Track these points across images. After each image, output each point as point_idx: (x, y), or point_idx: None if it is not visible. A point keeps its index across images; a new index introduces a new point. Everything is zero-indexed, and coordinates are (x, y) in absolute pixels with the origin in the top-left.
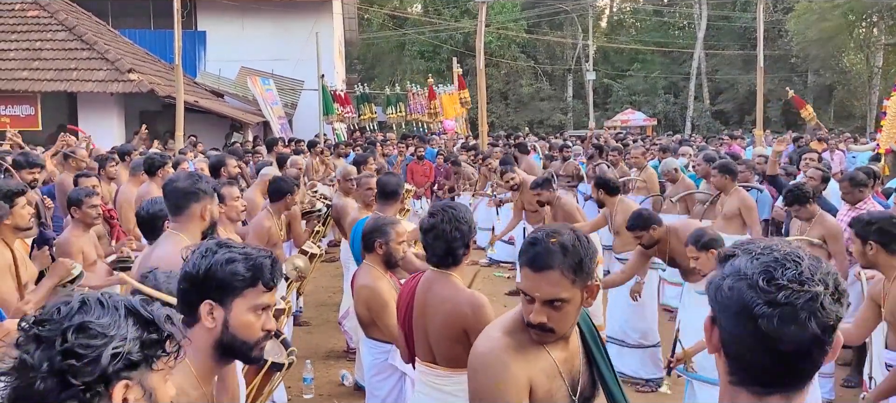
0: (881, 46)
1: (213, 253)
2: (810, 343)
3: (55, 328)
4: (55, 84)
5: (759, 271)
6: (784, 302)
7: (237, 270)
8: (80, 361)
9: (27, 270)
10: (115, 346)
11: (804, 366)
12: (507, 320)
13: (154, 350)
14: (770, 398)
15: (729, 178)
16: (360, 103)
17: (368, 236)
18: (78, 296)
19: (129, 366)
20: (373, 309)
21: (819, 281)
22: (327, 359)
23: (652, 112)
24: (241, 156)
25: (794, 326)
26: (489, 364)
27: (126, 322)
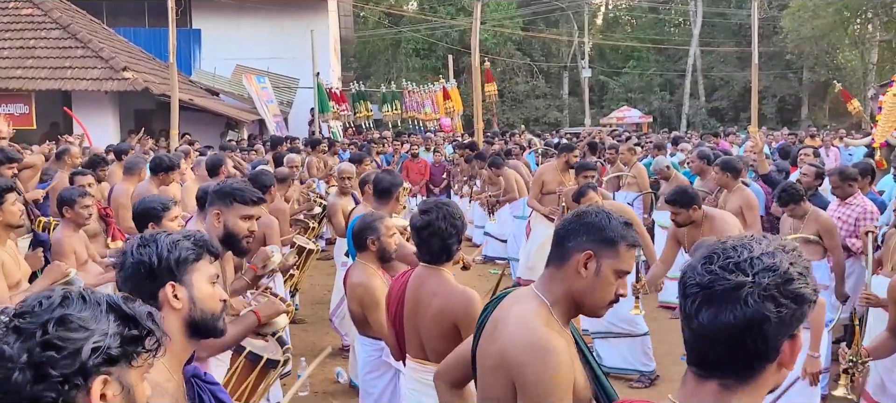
0: (876, 43)
1: (153, 242)
2: (723, 332)
3: (35, 320)
4: (49, 82)
5: (702, 256)
6: (706, 285)
7: (185, 246)
8: (59, 353)
9: (20, 268)
10: (95, 340)
11: (728, 355)
12: (533, 314)
13: (134, 347)
14: (707, 383)
15: (731, 176)
16: (356, 101)
17: (360, 235)
18: (59, 291)
19: (109, 361)
20: (365, 306)
21: (754, 274)
22: None
23: (648, 109)
24: (233, 151)
25: (710, 310)
26: (548, 353)
27: (107, 317)
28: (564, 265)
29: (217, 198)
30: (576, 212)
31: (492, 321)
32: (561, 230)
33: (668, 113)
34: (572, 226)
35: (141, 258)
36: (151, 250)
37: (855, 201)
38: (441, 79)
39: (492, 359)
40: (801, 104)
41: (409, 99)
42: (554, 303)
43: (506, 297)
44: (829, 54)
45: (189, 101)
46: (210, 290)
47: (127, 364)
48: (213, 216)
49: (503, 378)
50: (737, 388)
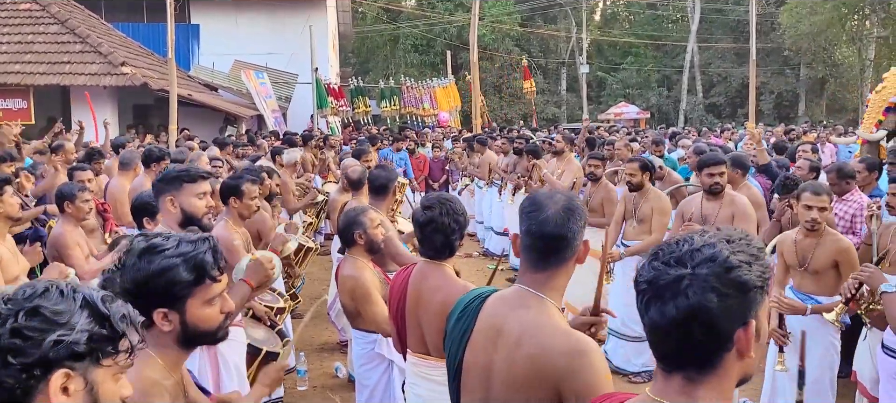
0: (873, 39)
1: (148, 262)
2: (671, 325)
3: (13, 307)
4: (48, 77)
5: (651, 254)
6: (651, 280)
7: (179, 276)
8: (24, 342)
9: (18, 264)
10: (59, 333)
11: (683, 347)
12: (557, 318)
13: (102, 346)
14: (673, 376)
15: (740, 173)
16: (354, 96)
17: (346, 230)
18: (43, 282)
19: (73, 356)
20: (357, 298)
21: (693, 266)
22: (321, 352)
23: (645, 105)
24: (222, 146)
25: (657, 305)
26: (595, 355)
27: (80, 313)
28: (569, 262)
29: (165, 185)
30: (568, 209)
31: (492, 327)
32: (563, 225)
33: (666, 109)
34: (576, 225)
35: (137, 272)
36: (142, 274)
37: (852, 197)
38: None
39: (521, 372)
40: (798, 100)
41: (408, 95)
42: (557, 302)
43: (489, 300)
44: (827, 51)
45: (188, 97)
46: (206, 313)
47: (94, 362)
48: (166, 203)
49: (542, 390)
50: (700, 380)
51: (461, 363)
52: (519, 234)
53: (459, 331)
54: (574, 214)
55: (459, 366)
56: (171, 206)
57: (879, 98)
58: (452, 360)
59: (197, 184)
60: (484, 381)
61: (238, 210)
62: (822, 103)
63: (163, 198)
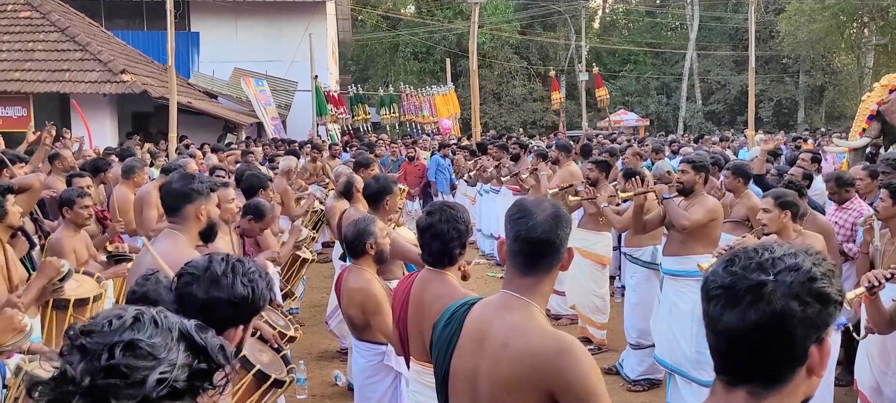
0: (872, 47)
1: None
2: (749, 333)
3: (102, 341)
4: (48, 85)
5: (724, 259)
6: (729, 286)
7: (266, 295)
8: (123, 381)
9: (17, 271)
10: (162, 371)
11: (756, 360)
12: (543, 320)
13: (201, 382)
14: (736, 391)
15: (742, 181)
16: (354, 104)
17: (357, 240)
18: (132, 310)
19: (173, 395)
20: (368, 310)
21: (776, 273)
22: (320, 360)
23: (644, 112)
24: (223, 152)
25: (734, 310)
26: (583, 352)
27: (177, 346)
28: (554, 269)
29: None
30: (556, 216)
31: (477, 332)
32: (551, 232)
33: (665, 116)
34: (563, 232)
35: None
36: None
37: (851, 206)
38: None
39: (507, 373)
40: (797, 108)
41: (407, 102)
42: (542, 307)
43: (475, 306)
44: (825, 58)
45: (187, 104)
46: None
47: (191, 400)
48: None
49: (531, 391)
50: (765, 396)
51: (448, 370)
52: (506, 240)
53: (446, 339)
54: (561, 221)
55: (447, 374)
56: (200, 215)
57: (864, 107)
58: (440, 368)
59: (216, 193)
60: (471, 386)
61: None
62: (822, 111)
63: (191, 206)
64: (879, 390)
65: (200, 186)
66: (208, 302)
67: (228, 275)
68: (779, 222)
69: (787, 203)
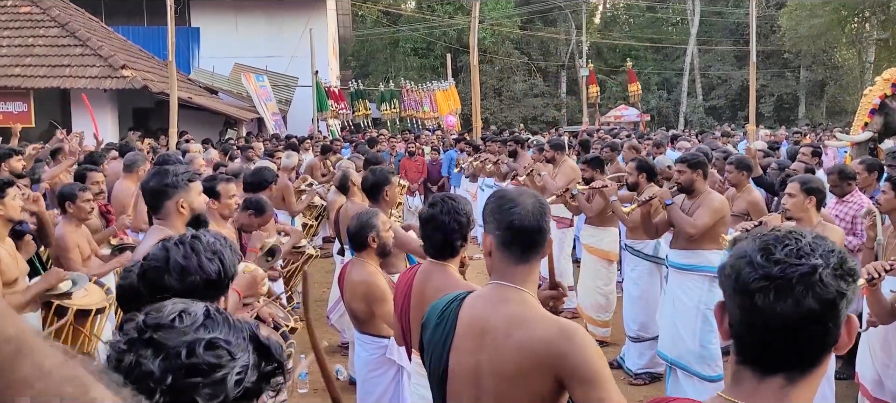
0: (873, 42)
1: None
2: (807, 319)
3: (178, 337)
4: (48, 80)
5: (757, 248)
6: (779, 275)
7: (234, 260)
8: (205, 379)
9: (18, 266)
10: (238, 371)
11: (804, 346)
12: (539, 307)
13: (266, 383)
14: (772, 378)
15: (745, 175)
16: (355, 99)
17: (360, 233)
18: (200, 306)
19: (246, 395)
20: (373, 300)
21: (820, 256)
22: None
23: (645, 108)
24: (229, 153)
25: (789, 300)
26: (585, 335)
27: (247, 345)
28: (541, 256)
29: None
30: (541, 204)
31: (476, 327)
32: (541, 219)
33: (666, 112)
34: (548, 220)
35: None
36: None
37: (852, 199)
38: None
39: (513, 363)
40: (798, 103)
41: (408, 97)
42: (534, 294)
43: (467, 301)
44: (827, 53)
45: (188, 100)
46: None
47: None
48: (176, 205)
49: (537, 377)
50: (800, 380)
51: (446, 369)
52: (495, 231)
53: (441, 337)
54: (546, 209)
55: (444, 373)
56: (181, 208)
57: (866, 101)
58: (436, 367)
59: (197, 182)
60: (473, 383)
61: (218, 210)
62: (823, 106)
63: (170, 202)
64: (881, 383)
65: (175, 179)
66: (186, 291)
67: (192, 258)
68: (803, 207)
69: (813, 189)
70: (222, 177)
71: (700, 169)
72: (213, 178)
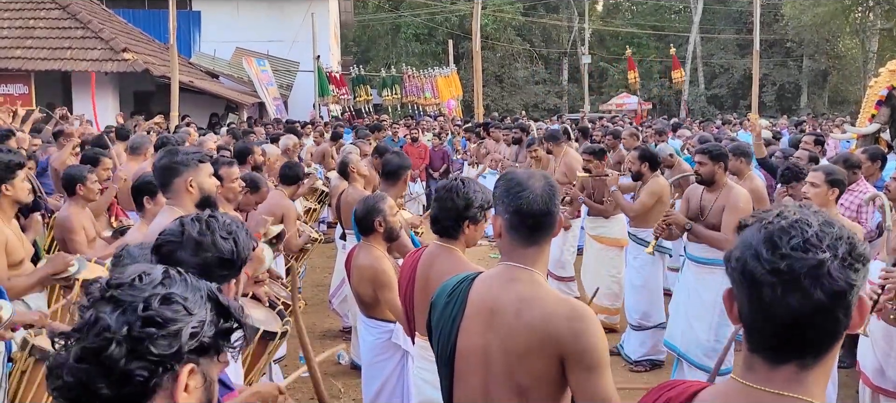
0: (876, 31)
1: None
2: (815, 312)
3: (136, 293)
4: (49, 63)
5: (763, 240)
6: (786, 270)
7: (248, 244)
8: (159, 331)
9: (24, 247)
10: (193, 325)
11: (815, 335)
12: (548, 287)
13: (224, 340)
14: (784, 366)
15: (744, 162)
16: (356, 85)
17: (366, 217)
18: (159, 268)
19: (200, 350)
20: (379, 285)
21: (827, 247)
22: (323, 338)
23: (647, 96)
24: (238, 136)
25: (797, 294)
26: (594, 319)
27: (205, 304)
28: (551, 237)
29: (182, 166)
30: (550, 186)
31: (485, 308)
32: (549, 202)
33: (668, 100)
34: (557, 201)
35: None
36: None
37: (857, 188)
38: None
39: (523, 342)
40: (800, 92)
41: (409, 83)
42: (543, 274)
43: (477, 281)
44: (830, 42)
45: (189, 84)
46: None
47: (213, 357)
48: (184, 184)
49: (545, 357)
50: (813, 365)
51: (454, 349)
52: (503, 214)
53: (450, 317)
54: (555, 191)
55: (452, 352)
56: (191, 188)
57: (872, 92)
58: (444, 346)
59: (207, 164)
60: (482, 363)
61: (222, 194)
62: (825, 95)
63: (179, 179)
64: (882, 371)
65: (184, 158)
66: (200, 266)
67: (206, 235)
68: (824, 198)
69: (836, 181)
70: (224, 159)
71: (722, 160)
72: (215, 162)
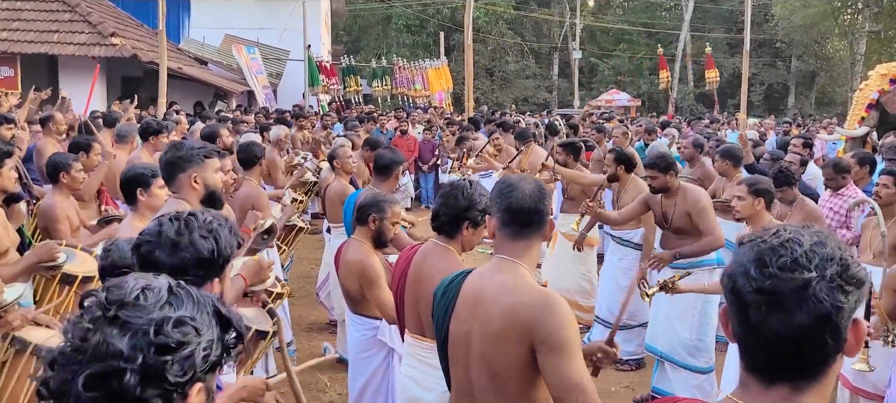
0: (865, 34)
1: (218, 227)
2: (801, 334)
3: (143, 314)
4: (35, 46)
5: (752, 258)
6: (771, 289)
7: (232, 242)
8: (174, 356)
9: (9, 237)
10: (204, 347)
11: (803, 357)
12: (530, 278)
13: (228, 354)
14: (776, 386)
15: (731, 164)
16: (346, 75)
17: (364, 209)
18: (163, 281)
19: (211, 368)
20: (366, 281)
21: (815, 267)
22: (310, 331)
23: (636, 93)
24: (222, 121)
25: (781, 314)
26: (563, 306)
27: (211, 320)
28: (540, 235)
29: (186, 162)
30: (540, 189)
31: (472, 297)
32: (538, 202)
33: (657, 97)
34: (546, 203)
35: (200, 243)
36: (213, 244)
37: (847, 193)
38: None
39: (497, 327)
40: (787, 92)
41: (400, 75)
42: (531, 269)
43: (470, 274)
44: (819, 44)
45: (177, 70)
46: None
47: (217, 370)
48: (189, 179)
49: (516, 342)
50: (807, 388)
51: (447, 336)
52: (496, 213)
53: (443, 307)
54: (545, 194)
55: (445, 339)
56: (195, 183)
57: (862, 95)
58: (439, 336)
59: (215, 159)
60: (465, 348)
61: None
62: (812, 96)
63: (184, 175)
64: (864, 375)
65: (190, 154)
66: (177, 267)
67: (184, 234)
68: (751, 208)
69: (761, 190)
70: (214, 149)
71: (671, 170)
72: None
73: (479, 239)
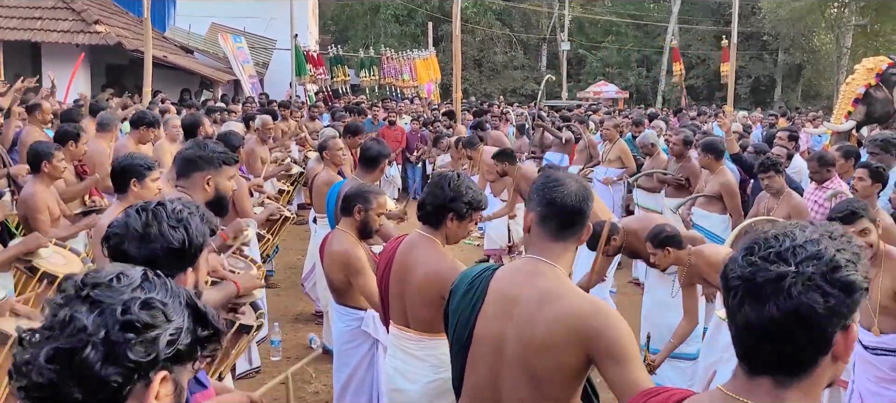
0: (851, 27)
1: (188, 216)
2: (772, 327)
3: (115, 295)
4: (18, 33)
5: (744, 246)
6: (748, 277)
7: (203, 229)
8: (138, 336)
9: None
10: (171, 332)
11: (779, 352)
12: (571, 283)
13: (199, 349)
14: (759, 379)
15: (713, 157)
16: (334, 65)
17: (349, 200)
18: (139, 270)
19: (174, 358)
20: (350, 271)
21: (797, 263)
22: (296, 322)
23: (624, 85)
24: (209, 112)
25: (754, 304)
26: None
27: (183, 310)
28: (578, 239)
29: (205, 163)
30: (585, 189)
31: (506, 297)
32: (582, 202)
33: (644, 89)
34: (590, 205)
35: (169, 233)
36: (183, 234)
37: (831, 185)
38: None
39: (543, 334)
40: (774, 85)
41: (388, 65)
42: (567, 273)
43: (499, 272)
44: (805, 37)
45: (163, 59)
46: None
47: (187, 364)
48: (202, 180)
49: (567, 352)
50: (791, 384)
51: (471, 335)
52: (535, 208)
53: (469, 305)
54: (589, 194)
55: (469, 339)
56: (207, 185)
57: (849, 89)
58: (462, 334)
59: (232, 168)
60: (496, 350)
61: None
62: (798, 89)
63: (199, 174)
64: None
65: (210, 155)
66: (148, 259)
67: (152, 225)
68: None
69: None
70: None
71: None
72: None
73: (464, 233)
